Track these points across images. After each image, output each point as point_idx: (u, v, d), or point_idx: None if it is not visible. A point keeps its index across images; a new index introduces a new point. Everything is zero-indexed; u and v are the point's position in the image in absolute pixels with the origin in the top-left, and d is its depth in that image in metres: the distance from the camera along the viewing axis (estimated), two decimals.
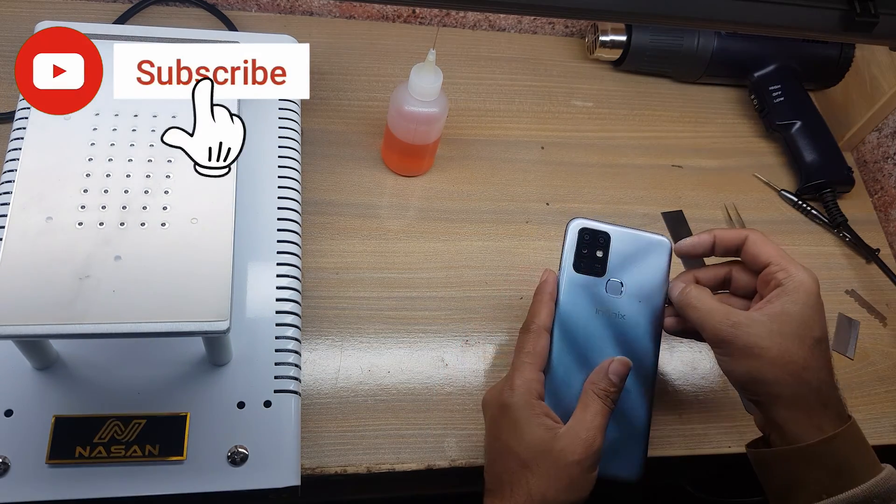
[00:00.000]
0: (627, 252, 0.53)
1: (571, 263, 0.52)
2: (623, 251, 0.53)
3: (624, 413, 0.51)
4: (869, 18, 0.42)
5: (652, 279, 0.53)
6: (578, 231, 0.53)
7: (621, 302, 0.52)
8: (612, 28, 0.79)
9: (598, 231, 0.53)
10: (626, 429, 0.51)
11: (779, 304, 0.48)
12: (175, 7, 0.75)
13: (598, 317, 0.52)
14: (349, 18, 0.81)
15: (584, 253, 0.53)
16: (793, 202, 0.77)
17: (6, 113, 0.63)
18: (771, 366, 0.47)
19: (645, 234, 0.54)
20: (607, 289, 0.52)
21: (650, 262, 0.53)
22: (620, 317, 0.52)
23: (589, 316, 0.52)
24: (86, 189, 0.48)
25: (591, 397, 0.48)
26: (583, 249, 0.53)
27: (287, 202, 0.59)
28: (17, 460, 0.46)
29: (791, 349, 0.47)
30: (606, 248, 0.53)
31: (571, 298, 0.52)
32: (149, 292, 0.45)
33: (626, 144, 0.77)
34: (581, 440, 0.46)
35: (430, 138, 0.65)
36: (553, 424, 0.48)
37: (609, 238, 0.53)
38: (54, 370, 0.49)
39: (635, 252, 0.53)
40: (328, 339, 0.59)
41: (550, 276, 0.53)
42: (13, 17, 0.70)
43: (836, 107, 0.84)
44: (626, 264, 0.53)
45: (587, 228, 0.53)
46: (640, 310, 0.52)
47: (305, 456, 0.53)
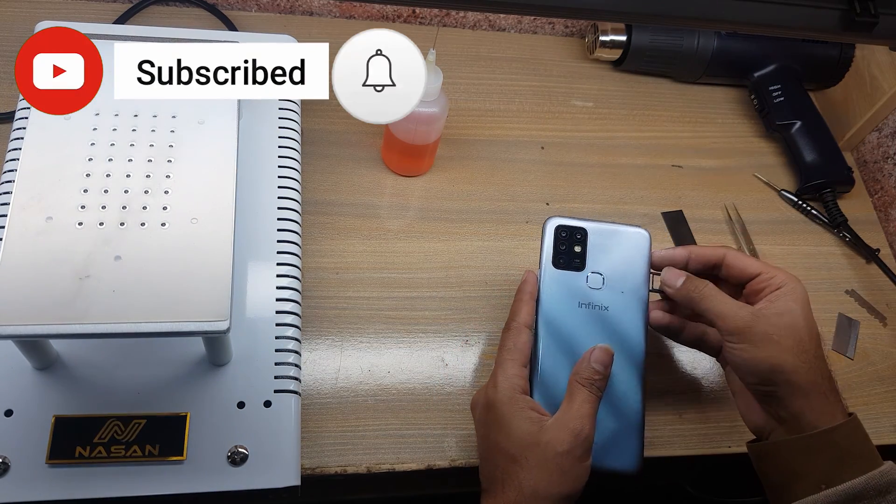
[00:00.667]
0: (606, 246, 0.54)
1: (550, 260, 0.54)
2: (602, 245, 0.54)
3: (617, 405, 0.51)
4: (869, 18, 0.42)
5: (633, 270, 0.54)
6: (555, 228, 0.54)
7: (603, 294, 0.53)
8: (612, 28, 0.79)
9: (575, 227, 0.54)
10: (621, 421, 0.51)
11: (783, 303, 0.50)
12: (175, 7, 0.75)
13: (581, 310, 0.53)
14: (349, 18, 0.81)
15: (561, 249, 0.54)
16: (793, 202, 0.77)
17: (6, 113, 0.63)
18: (789, 353, 0.48)
19: (623, 227, 0.55)
20: (588, 282, 0.53)
21: (630, 254, 0.54)
22: (604, 308, 0.53)
23: (572, 310, 0.53)
24: (86, 189, 0.48)
25: (575, 387, 0.49)
26: (560, 246, 0.54)
27: (287, 202, 0.59)
28: (17, 460, 0.46)
29: (804, 339, 0.49)
30: (584, 243, 0.54)
31: (553, 294, 0.53)
32: (149, 292, 0.44)
33: (626, 144, 0.77)
34: (568, 430, 0.47)
35: (430, 138, 0.65)
36: (539, 417, 0.48)
37: (586, 233, 0.54)
38: (54, 370, 0.49)
39: (614, 245, 0.54)
40: (328, 339, 0.59)
41: (530, 275, 0.54)
42: (13, 17, 0.70)
43: (836, 107, 0.84)
44: (605, 258, 0.54)
45: (563, 225, 0.54)
46: (624, 301, 0.53)
47: (305, 456, 0.53)
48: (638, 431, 0.51)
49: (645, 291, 0.54)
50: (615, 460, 0.50)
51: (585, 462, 0.47)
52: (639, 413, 0.51)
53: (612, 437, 0.50)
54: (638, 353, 0.52)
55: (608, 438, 0.50)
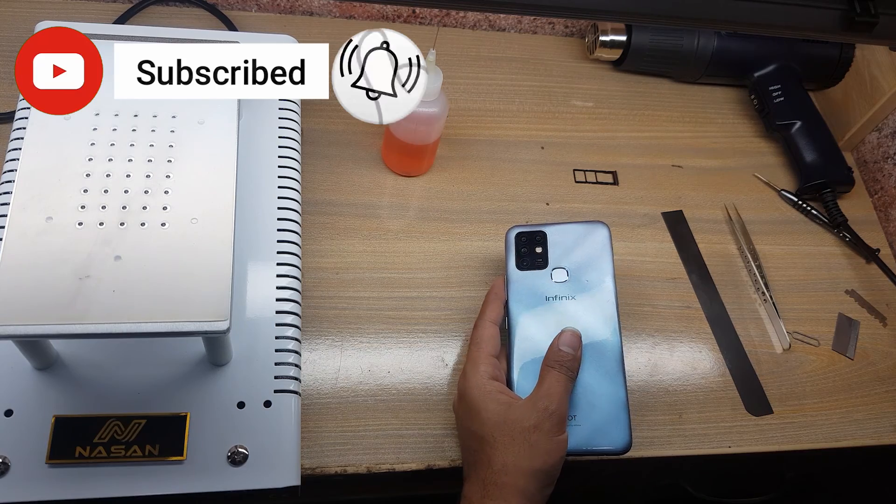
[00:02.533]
0: (566, 242, 0.57)
1: (514, 263, 0.57)
2: (562, 242, 0.57)
3: (600, 388, 0.53)
4: (869, 18, 0.42)
5: (596, 260, 0.57)
6: (515, 236, 0.58)
7: (569, 286, 0.56)
8: (612, 28, 0.79)
9: (534, 231, 0.58)
10: (606, 403, 0.52)
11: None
12: (175, 7, 0.75)
13: (549, 303, 0.55)
14: (349, 18, 0.81)
15: (523, 252, 0.57)
16: (793, 202, 0.77)
17: (6, 113, 0.63)
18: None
19: (582, 224, 0.59)
20: (553, 278, 0.56)
21: (591, 246, 0.57)
22: (571, 299, 0.55)
23: (540, 303, 0.55)
24: (86, 189, 0.48)
25: (545, 370, 0.51)
26: (521, 249, 0.57)
27: (287, 202, 0.59)
28: (17, 460, 0.46)
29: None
30: (544, 244, 0.57)
31: (519, 292, 0.56)
32: (149, 292, 0.44)
33: (626, 144, 0.77)
34: (536, 407, 0.48)
35: (430, 138, 0.65)
36: (509, 399, 0.50)
37: (545, 235, 0.58)
38: (54, 370, 0.49)
39: (574, 241, 0.58)
40: (328, 339, 0.59)
41: (498, 280, 0.57)
42: (13, 17, 0.70)
43: (836, 107, 0.84)
44: (567, 253, 0.57)
45: (522, 232, 0.58)
46: (591, 289, 0.56)
47: (305, 456, 0.53)
48: (624, 411, 0.52)
49: (610, 278, 0.56)
50: (606, 440, 0.52)
51: (557, 437, 0.48)
52: (622, 393, 0.53)
53: (600, 419, 0.52)
54: (612, 335, 0.54)
55: (596, 421, 0.52)
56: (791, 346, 0.66)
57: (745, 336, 0.66)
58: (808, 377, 0.65)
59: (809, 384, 0.65)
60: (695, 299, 0.67)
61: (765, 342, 0.66)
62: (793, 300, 0.69)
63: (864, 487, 0.82)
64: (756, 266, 0.70)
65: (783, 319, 0.67)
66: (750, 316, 0.68)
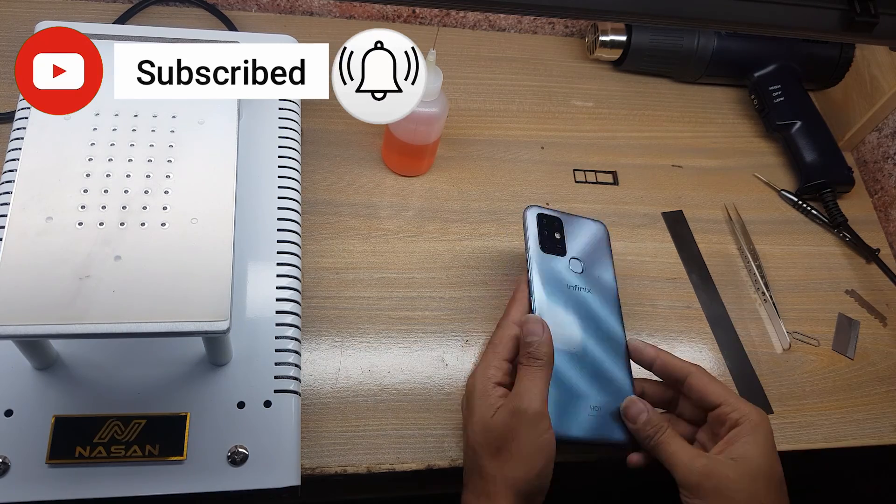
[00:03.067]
0: (577, 234, 0.58)
1: (538, 244, 0.56)
2: (574, 233, 0.58)
3: (605, 379, 0.53)
4: (869, 18, 0.42)
5: (601, 257, 0.58)
6: (536, 216, 0.57)
7: (584, 278, 0.57)
8: (612, 28, 0.79)
9: (552, 216, 0.58)
10: (611, 394, 0.53)
11: (741, 447, 0.48)
12: (175, 7, 0.75)
13: (569, 292, 0.55)
14: (349, 18, 0.81)
15: (545, 234, 0.57)
16: (793, 202, 0.77)
17: (6, 113, 0.63)
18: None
19: (586, 219, 0.60)
20: (571, 266, 0.57)
21: (596, 242, 0.59)
22: (586, 291, 0.56)
23: (563, 291, 0.55)
24: (86, 189, 0.48)
25: (519, 370, 0.50)
26: (543, 231, 0.57)
27: (287, 202, 0.59)
28: (17, 460, 0.46)
29: (759, 493, 0.47)
30: (562, 230, 0.58)
31: (545, 276, 0.55)
32: (149, 292, 0.44)
33: (626, 144, 0.77)
34: (510, 410, 0.48)
35: (430, 138, 0.65)
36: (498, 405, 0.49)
37: (562, 222, 0.58)
38: (54, 370, 0.49)
39: (582, 234, 0.59)
40: (328, 339, 0.59)
41: (523, 279, 0.55)
42: (13, 17, 0.70)
43: (836, 107, 0.84)
44: (578, 245, 0.58)
45: (543, 214, 0.58)
46: (599, 284, 0.57)
47: (305, 456, 0.53)
48: None
49: (612, 277, 0.58)
50: (609, 431, 0.52)
51: (539, 438, 0.47)
52: (627, 384, 0.53)
53: (606, 412, 0.52)
54: (618, 330, 0.56)
55: (602, 413, 0.52)
56: (791, 346, 0.66)
57: (745, 336, 0.66)
58: (808, 377, 0.65)
59: (809, 384, 0.65)
60: (695, 299, 0.68)
61: (765, 342, 0.66)
62: (793, 300, 0.69)
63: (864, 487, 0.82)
64: (756, 266, 0.70)
65: (783, 319, 0.67)
66: (750, 316, 0.68)
